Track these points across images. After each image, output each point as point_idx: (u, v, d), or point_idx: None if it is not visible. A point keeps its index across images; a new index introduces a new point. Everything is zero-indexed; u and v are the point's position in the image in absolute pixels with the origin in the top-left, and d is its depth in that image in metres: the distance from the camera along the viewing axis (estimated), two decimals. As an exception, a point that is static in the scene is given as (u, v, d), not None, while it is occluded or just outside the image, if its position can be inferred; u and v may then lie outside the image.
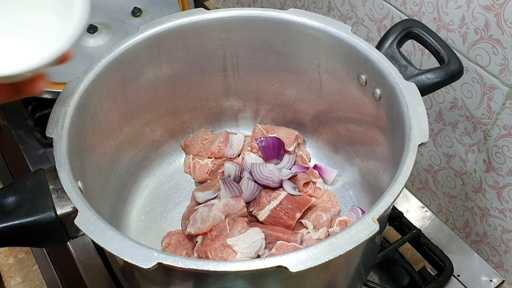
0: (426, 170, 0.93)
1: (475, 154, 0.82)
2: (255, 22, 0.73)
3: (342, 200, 0.80)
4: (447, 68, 0.65)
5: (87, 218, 0.51)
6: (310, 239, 0.71)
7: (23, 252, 0.82)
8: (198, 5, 1.06)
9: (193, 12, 0.73)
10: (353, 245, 0.48)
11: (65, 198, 0.54)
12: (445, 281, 0.74)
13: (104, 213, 0.67)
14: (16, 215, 0.54)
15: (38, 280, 0.79)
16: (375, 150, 0.73)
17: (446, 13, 0.75)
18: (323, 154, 0.85)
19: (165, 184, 0.83)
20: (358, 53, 0.68)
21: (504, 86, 0.72)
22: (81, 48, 1.00)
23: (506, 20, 0.68)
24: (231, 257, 0.66)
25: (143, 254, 0.48)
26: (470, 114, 0.79)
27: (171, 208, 0.80)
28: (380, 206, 0.52)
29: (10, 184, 0.56)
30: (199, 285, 0.56)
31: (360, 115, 0.74)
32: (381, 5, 0.85)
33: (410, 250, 0.80)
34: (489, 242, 0.87)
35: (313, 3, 1.01)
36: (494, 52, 0.71)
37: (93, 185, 0.66)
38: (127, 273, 0.64)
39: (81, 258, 0.77)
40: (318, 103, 0.81)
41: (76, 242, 0.77)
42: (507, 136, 0.76)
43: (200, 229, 0.71)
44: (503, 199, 0.81)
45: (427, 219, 0.83)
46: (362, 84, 0.70)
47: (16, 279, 0.80)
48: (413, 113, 0.60)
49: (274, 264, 0.47)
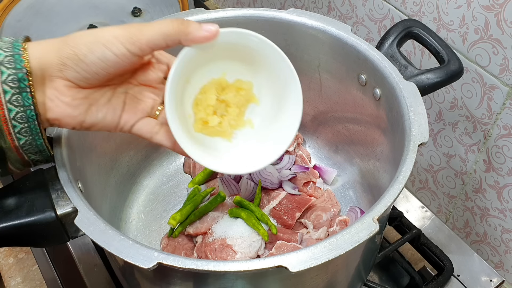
0: (426, 170, 0.93)
1: (475, 154, 0.82)
2: (255, 22, 0.73)
3: (342, 200, 0.80)
4: (447, 68, 0.65)
5: (87, 218, 0.51)
6: (310, 239, 0.71)
7: (23, 252, 0.82)
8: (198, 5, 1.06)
9: (193, 12, 0.73)
10: (353, 245, 0.48)
11: (65, 198, 0.54)
12: (445, 281, 0.74)
13: (104, 213, 0.67)
14: (16, 215, 0.54)
15: (38, 280, 0.79)
16: (375, 150, 0.73)
17: (446, 13, 0.75)
18: (323, 154, 0.85)
19: (165, 184, 0.83)
20: (358, 53, 0.68)
21: (504, 86, 0.72)
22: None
23: (506, 20, 0.68)
24: (231, 257, 0.66)
25: (143, 254, 0.48)
26: (470, 114, 0.79)
27: (171, 208, 0.80)
28: (380, 206, 0.52)
29: (10, 184, 0.56)
30: (199, 285, 0.56)
31: (360, 115, 0.74)
32: (381, 5, 0.85)
33: (410, 250, 0.80)
34: (489, 242, 0.87)
35: (313, 3, 1.01)
36: (494, 52, 0.71)
37: (93, 185, 0.66)
38: (127, 273, 0.64)
39: (81, 258, 0.77)
40: (318, 103, 0.81)
41: (76, 242, 0.77)
42: (507, 136, 0.76)
43: (199, 228, 0.72)
44: (503, 199, 0.81)
45: (427, 219, 0.83)
46: (362, 84, 0.70)
47: (16, 279, 0.80)
48: (413, 113, 0.60)
49: (274, 264, 0.47)
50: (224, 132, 0.56)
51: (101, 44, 0.47)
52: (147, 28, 0.48)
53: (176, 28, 0.48)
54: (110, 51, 0.47)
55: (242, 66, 0.55)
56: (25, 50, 0.47)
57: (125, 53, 0.48)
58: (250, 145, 0.56)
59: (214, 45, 0.50)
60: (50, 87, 0.48)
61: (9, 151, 0.49)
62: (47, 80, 0.48)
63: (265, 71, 0.55)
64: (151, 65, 0.54)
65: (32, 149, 0.50)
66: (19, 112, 0.47)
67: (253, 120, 0.57)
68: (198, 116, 0.54)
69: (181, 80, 0.52)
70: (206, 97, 0.54)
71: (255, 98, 0.56)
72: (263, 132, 0.56)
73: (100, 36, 0.47)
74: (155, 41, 0.48)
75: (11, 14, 1.04)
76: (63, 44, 0.48)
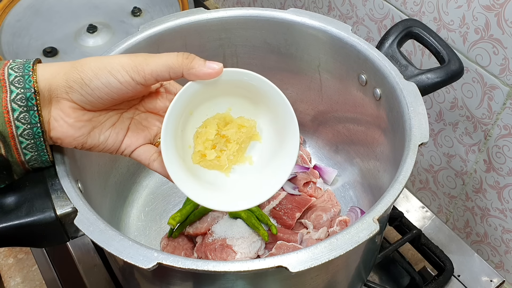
0: (427, 170, 0.93)
1: (476, 154, 0.82)
2: (255, 22, 0.73)
3: (342, 200, 0.80)
4: (448, 68, 0.65)
5: (87, 218, 0.51)
6: (310, 239, 0.71)
7: (22, 252, 0.82)
8: (198, 5, 1.06)
9: (193, 12, 0.73)
10: (353, 245, 0.48)
11: (65, 198, 0.54)
12: (445, 281, 0.74)
13: (103, 213, 0.67)
14: (16, 215, 0.53)
15: (38, 280, 0.79)
16: (375, 150, 0.73)
17: (446, 12, 0.75)
18: (323, 154, 0.85)
19: (165, 184, 0.83)
20: (358, 53, 0.68)
21: (504, 86, 0.72)
22: (80, 48, 1.00)
23: (507, 20, 0.68)
24: (231, 257, 0.66)
25: (143, 254, 0.48)
26: (470, 114, 0.79)
27: (171, 208, 0.80)
28: (380, 206, 0.52)
29: (10, 184, 0.56)
30: (198, 285, 0.56)
31: (360, 115, 0.74)
32: (382, 5, 0.85)
33: (411, 250, 0.80)
34: (489, 242, 0.87)
35: (313, 2, 1.01)
36: (494, 52, 0.71)
37: (93, 185, 0.66)
38: (127, 273, 0.64)
39: (81, 258, 0.76)
40: (318, 103, 0.81)
41: (76, 242, 0.77)
42: (507, 136, 0.76)
43: (199, 228, 0.71)
44: (503, 199, 0.81)
45: (427, 219, 0.82)
46: (363, 84, 0.70)
47: (16, 279, 0.80)
48: (413, 113, 0.60)
49: (274, 264, 0.47)
50: (222, 166, 0.56)
51: (106, 71, 0.49)
52: (153, 59, 0.49)
53: (180, 62, 0.49)
54: (115, 78, 0.49)
55: (247, 103, 0.56)
56: (34, 71, 0.49)
57: (129, 81, 0.49)
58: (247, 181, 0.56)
59: (219, 81, 0.51)
60: (56, 108, 0.51)
61: (15, 165, 0.52)
62: (54, 100, 0.50)
63: (267, 109, 0.55)
64: (159, 94, 0.55)
65: (37, 164, 0.53)
66: (26, 129, 0.49)
67: (253, 157, 0.57)
68: (197, 149, 0.55)
69: (184, 112, 0.53)
70: (206, 131, 0.55)
71: (258, 136, 0.57)
72: (261, 169, 0.57)
73: (107, 62, 0.49)
74: (158, 72, 0.49)
75: (11, 14, 1.04)
76: (72, 68, 0.50)
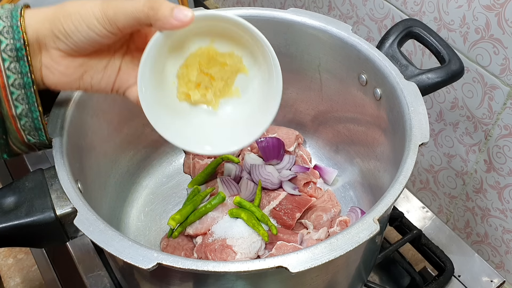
0: (427, 170, 0.93)
1: (476, 154, 0.82)
2: (255, 21, 0.72)
3: (342, 200, 0.80)
4: (448, 68, 0.65)
5: (87, 219, 0.51)
6: (310, 239, 0.71)
7: (22, 252, 0.82)
8: (198, 4, 1.06)
9: (193, 11, 0.73)
10: (353, 245, 0.48)
11: (65, 199, 0.54)
12: (445, 281, 0.74)
13: (103, 214, 0.67)
14: (15, 215, 0.53)
15: (38, 281, 0.79)
16: (376, 150, 0.73)
17: (446, 12, 0.75)
18: (324, 154, 0.85)
19: (165, 184, 0.83)
20: (358, 52, 0.68)
21: (505, 86, 0.72)
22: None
23: (507, 19, 0.68)
24: (231, 258, 0.66)
25: (143, 254, 0.48)
26: (471, 114, 0.79)
27: (171, 208, 0.80)
28: (380, 207, 0.52)
29: (10, 184, 0.56)
30: (198, 285, 0.56)
31: (361, 115, 0.74)
32: (382, 5, 0.85)
33: (411, 251, 0.80)
34: (490, 242, 0.87)
35: (313, 2, 1.01)
36: (495, 52, 0.71)
37: (93, 186, 0.65)
38: (126, 274, 0.64)
39: (80, 258, 0.76)
40: (318, 103, 0.81)
41: (75, 242, 0.77)
42: (508, 136, 0.76)
43: (199, 229, 0.71)
44: (504, 199, 0.81)
45: (427, 220, 0.82)
46: (363, 84, 0.70)
47: (16, 280, 0.79)
48: (413, 113, 0.60)
49: (274, 264, 0.47)
50: (209, 102, 0.56)
51: (85, 26, 0.49)
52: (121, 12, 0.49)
53: (146, 14, 0.49)
54: (94, 33, 0.49)
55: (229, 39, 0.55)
56: (23, 20, 0.50)
57: (107, 34, 0.50)
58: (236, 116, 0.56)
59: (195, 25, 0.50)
60: (46, 56, 0.51)
61: (8, 122, 0.51)
62: (43, 49, 0.51)
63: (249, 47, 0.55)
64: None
65: (28, 125, 0.52)
66: (16, 79, 0.50)
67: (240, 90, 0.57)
68: (180, 90, 0.55)
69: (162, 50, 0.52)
70: (188, 72, 0.54)
71: (245, 68, 0.56)
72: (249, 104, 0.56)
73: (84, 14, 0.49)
74: (130, 25, 0.50)
75: (10, 14, 1.04)
76: (55, 18, 0.50)
